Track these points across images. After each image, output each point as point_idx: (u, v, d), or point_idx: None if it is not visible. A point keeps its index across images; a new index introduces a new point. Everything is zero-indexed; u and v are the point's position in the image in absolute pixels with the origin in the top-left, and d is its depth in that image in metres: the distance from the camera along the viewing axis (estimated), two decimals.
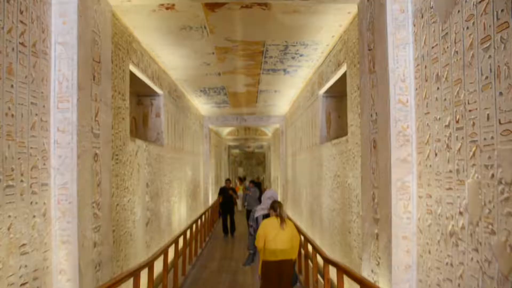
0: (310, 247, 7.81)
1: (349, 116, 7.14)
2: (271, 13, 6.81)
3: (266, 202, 6.74)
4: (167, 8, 6.58)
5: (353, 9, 6.55)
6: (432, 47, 3.98)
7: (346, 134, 7.86)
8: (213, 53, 9.15)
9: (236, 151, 41.78)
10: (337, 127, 9.98)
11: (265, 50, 8.98)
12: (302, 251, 8.42)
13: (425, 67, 4.13)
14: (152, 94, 10.11)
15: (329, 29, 7.53)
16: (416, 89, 4.35)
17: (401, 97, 4.44)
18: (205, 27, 7.45)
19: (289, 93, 13.97)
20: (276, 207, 6.06)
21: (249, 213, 14.36)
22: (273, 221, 5.97)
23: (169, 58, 9.36)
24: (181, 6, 6.48)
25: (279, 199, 7.73)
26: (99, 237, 4.97)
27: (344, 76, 8.35)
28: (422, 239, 4.20)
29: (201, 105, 16.57)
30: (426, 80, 4.11)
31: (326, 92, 9.96)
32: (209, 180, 19.43)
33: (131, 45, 7.46)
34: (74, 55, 4.54)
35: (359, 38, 5.63)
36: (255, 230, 6.63)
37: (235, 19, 7.10)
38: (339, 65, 7.92)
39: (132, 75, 8.22)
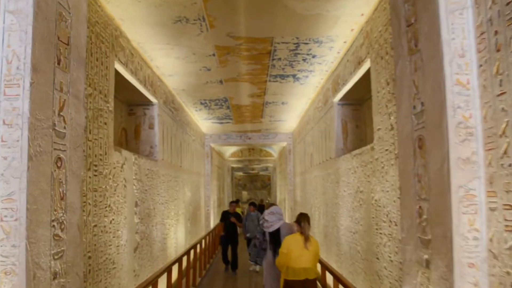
0: (329, 277, 6.61)
1: (375, 120, 6.02)
2: None
3: (270, 218, 6.43)
4: None
5: None
6: (508, 3, 2.89)
7: (366, 144, 6.74)
8: (213, 55, 8.09)
9: (240, 173, 40.55)
10: (355, 138, 8.84)
11: (272, 50, 7.92)
12: (318, 284, 7.19)
13: (496, 33, 3.03)
14: (145, 103, 9.03)
15: (347, 19, 6.46)
16: (481, 65, 3.24)
17: (460, 77, 3.32)
18: (203, 19, 6.40)
19: (298, 105, 12.88)
20: (300, 221, 5.65)
21: (249, 242, 12.78)
22: (297, 238, 5.68)
23: (164, 61, 8.31)
24: None
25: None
26: (62, 265, 3.81)
27: (363, 79, 7.30)
28: (497, 267, 3.03)
29: (202, 121, 15.49)
30: (498, 50, 3.01)
31: (342, 99, 8.86)
32: (211, 202, 18.21)
33: (117, 40, 6.41)
34: (29, 27, 3.46)
35: (392, 16, 4.54)
36: (261, 243, 6.54)
37: (239, 7, 6.04)
38: (359, 63, 6.83)
39: (121, 78, 7.17)
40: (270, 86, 10.63)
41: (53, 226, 3.63)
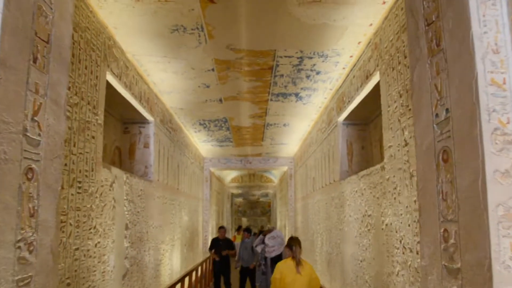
0: None
1: (385, 137, 5.54)
2: (284, 3, 5.35)
3: (271, 242, 6.03)
4: None
5: None
6: None
7: (372, 166, 6.26)
8: (212, 70, 7.67)
9: (240, 199, 39.89)
10: (361, 160, 8.36)
11: (275, 65, 7.50)
12: None
13: None
14: (140, 120, 8.58)
15: (355, 30, 6.05)
16: None
17: (495, 76, 2.86)
18: (202, 28, 5.99)
19: (300, 127, 12.43)
20: (292, 245, 5.60)
21: (244, 272, 12.16)
22: (289, 263, 5.64)
23: (161, 76, 7.88)
24: None
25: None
26: None
27: (369, 97, 6.89)
28: None
29: (201, 144, 15.03)
30: None
31: (347, 119, 8.41)
32: (209, 228, 17.60)
33: (110, 50, 5.99)
34: None
35: (408, 18, 4.12)
36: (266, 266, 6.52)
37: (239, 14, 5.63)
38: (367, 78, 6.40)
39: (116, 93, 6.75)
40: (272, 106, 10.20)
41: (19, 247, 3.12)
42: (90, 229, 5.15)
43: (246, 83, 8.48)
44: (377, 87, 6.32)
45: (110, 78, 6.10)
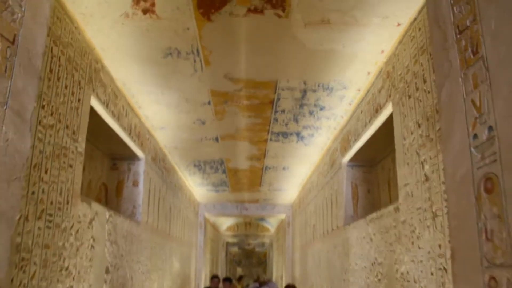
0: None
1: (400, 174, 4.94)
2: (289, 24, 4.86)
3: None
4: (145, 11, 4.64)
5: (406, 16, 4.64)
6: None
7: (379, 209, 5.64)
8: (209, 103, 7.14)
9: (235, 249, 38.66)
10: (367, 204, 7.71)
11: (276, 99, 6.98)
12: None
13: None
14: (130, 157, 7.97)
15: (365, 58, 5.56)
16: None
17: None
18: (197, 52, 5.49)
19: (300, 171, 11.82)
20: None
21: None
22: None
23: (153, 109, 7.33)
24: (163, 5, 4.55)
25: None
26: None
27: (377, 136, 6.36)
28: None
29: (196, 188, 14.36)
30: None
31: (352, 160, 7.83)
32: (202, 276, 16.65)
33: (97, 74, 5.46)
34: None
35: (433, 31, 3.60)
36: None
37: (238, 35, 5.14)
38: (377, 111, 5.86)
39: (103, 124, 6.21)
40: (271, 147, 9.63)
41: None
42: (61, 270, 4.44)
43: (245, 119, 7.94)
44: (387, 122, 5.79)
45: (95, 104, 5.54)
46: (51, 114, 4.25)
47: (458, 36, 3.18)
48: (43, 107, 4.05)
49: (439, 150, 3.91)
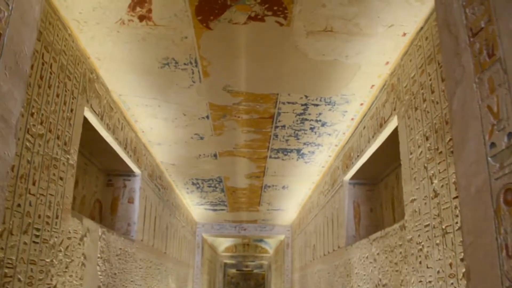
0: None
1: (406, 190, 4.71)
2: (291, 33, 4.69)
3: None
4: (141, 18, 4.47)
5: (412, 25, 4.47)
6: None
7: (383, 228, 5.41)
8: (207, 117, 6.95)
9: (233, 270, 38.09)
10: (369, 224, 7.46)
11: (276, 114, 6.79)
12: None
13: None
14: (126, 172, 7.76)
15: (369, 70, 5.38)
16: None
17: None
18: (195, 62, 5.31)
19: (300, 190, 11.58)
20: None
21: None
22: None
23: (150, 123, 7.13)
24: (160, 12, 4.38)
25: None
26: None
27: (380, 152, 6.15)
28: None
29: (194, 207, 14.09)
30: None
31: (354, 177, 7.61)
32: None
33: (91, 84, 5.27)
34: None
35: (443, 36, 3.41)
36: None
37: (238, 45, 4.96)
38: (381, 126, 5.67)
39: (98, 138, 6.01)
40: (271, 164, 9.42)
41: None
42: None
43: (244, 134, 7.74)
44: (391, 137, 5.60)
45: (89, 116, 5.34)
46: (41, 123, 4.04)
47: (472, 39, 3.00)
48: (32, 114, 3.85)
49: (449, 163, 3.70)
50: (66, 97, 4.56)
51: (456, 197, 3.53)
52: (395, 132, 5.41)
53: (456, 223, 3.48)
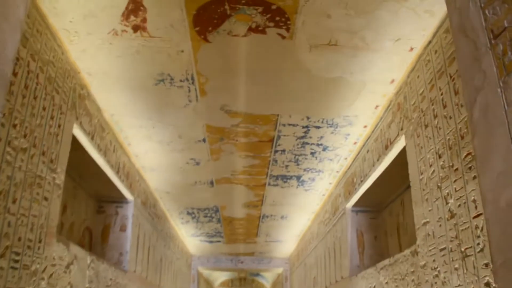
0: None
1: (417, 213, 4.40)
2: (293, 47, 4.45)
3: None
4: (136, 29, 4.24)
5: (420, 39, 4.24)
6: None
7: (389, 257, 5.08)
8: (203, 140, 6.66)
9: None
10: (374, 253, 7.09)
11: (276, 137, 6.51)
12: None
13: None
14: (118, 199, 7.40)
15: (374, 89, 5.14)
16: None
17: None
18: (192, 80, 5.06)
19: (299, 221, 11.21)
20: None
21: None
22: None
23: (144, 146, 6.83)
24: (156, 22, 4.15)
25: None
26: None
27: (384, 177, 5.87)
28: None
29: (189, 238, 13.65)
30: None
31: (357, 204, 7.28)
32: None
33: (82, 101, 5.00)
34: None
35: (459, 42, 3.18)
36: None
37: (238, 60, 4.72)
38: (387, 148, 5.39)
39: (89, 161, 5.70)
40: (270, 192, 9.08)
41: None
42: None
43: (242, 160, 7.44)
44: (397, 160, 5.33)
45: (79, 134, 5.05)
46: (25, 136, 3.74)
47: (493, 41, 2.75)
48: (14, 126, 3.55)
49: (467, 180, 3.40)
50: (53, 111, 4.28)
51: (477, 216, 3.22)
52: (401, 154, 5.14)
53: (478, 244, 3.16)
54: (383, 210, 7.17)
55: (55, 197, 4.38)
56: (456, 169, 3.59)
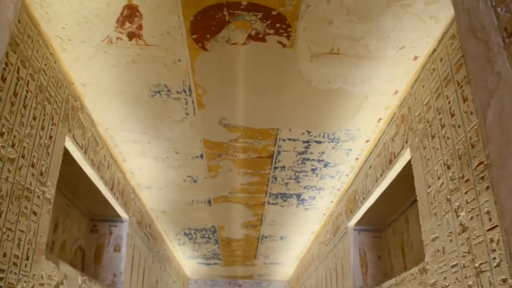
0: None
1: (424, 228, 4.20)
2: (294, 55, 4.30)
3: None
4: (131, 36, 4.09)
5: (424, 47, 4.10)
6: None
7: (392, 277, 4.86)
8: (201, 156, 6.48)
9: None
10: (377, 273, 6.85)
11: (276, 153, 6.33)
12: None
13: None
14: (112, 217, 7.17)
15: (376, 101, 4.99)
16: None
17: None
18: (189, 91, 4.90)
19: (299, 242, 10.95)
20: None
21: None
22: None
23: (139, 162, 6.64)
24: (152, 29, 4.00)
25: None
26: None
27: (388, 193, 5.68)
28: None
29: (186, 260, 13.34)
30: None
31: (359, 223, 7.06)
32: None
33: (75, 113, 4.83)
34: None
35: (467, 45, 3.03)
36: None
37: (237, 70, 4.57)
38: (390, 162, 5.21)
39: (82, 178, 5.51)
40: (269, 212, 8.86)
41: None
42: None
43: (241, 177, 7.25)
44: (401, 176, 5.16)
45: (71, 147, 4.86)
46: (12, 146, 3.55)
47: (507, 40, 2.60)
48: (1, 134, 3.37)
49: (479, 191, 3.21)
50: (44, 121, 4.10)
51: (491, 228, 3.02)
52: (405, 169, 4.96)
53: (494, 258, 2.95)
54: (387, 229, 6.95)
55: (44, 211, 4.17)
56: (467, 180, 3.40)
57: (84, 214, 6.89)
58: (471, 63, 3.00)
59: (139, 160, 6.56)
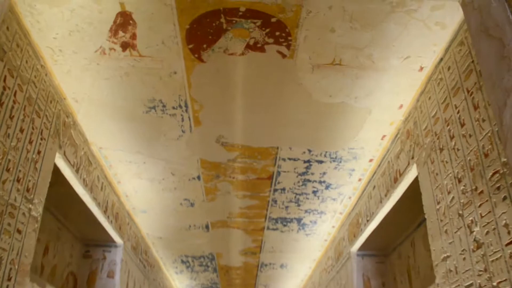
0: None
1: (434, 247, 3.96)
2: (294, 67, 4.14)
3: None
4: (124, 46, 3.93)
5: (430, 56, 3.94)
6: None
7: None
8: (198, 178, 6.25)
9: None
10: None
11: (276, 174, 6.11)
12: None
13: None
14: (105, 243, 6.91)
15: (380, 117, 4.80)
16: None
17: None
18: (186, 106, 4.72)
19: (300, 270, 10.60)
20: None
21: None
22: None
23: (134, 185, 6.41)
24: (146, 38, 3.84)
25: None
26: None
27: (394, 215, 5.46)
28: None
29: None
30: None
31: (362, 248, 6.79)
32: None
33: (67, 130, 4.64)
34: None
35: (479, 45, 2.87)
36: None
37: (234, 83, 4.39)
38: (396, 181, 4.99)
39: (75, 200, 5.29)
40: (268, 237, 8.57)
41: None
42: None
43: (239, 200, 7.00)
44: (405, 196, 4.95)
45: (62, 165, 4.65)
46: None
47: None
48: None
49: (495, 202, 2.99)
50: (32, 135, 3.90)
51: (511, 242, 2.78)
52: (411, 187, 4.75)
53: None
54: (392, 253, 6.68)
55: (30, 230, 3.93)
56: (481, 191, 3.18)
57: (77, 238, 6.63)
58: (485, 63, 2.83)
59: (134, 182, 6.33)
